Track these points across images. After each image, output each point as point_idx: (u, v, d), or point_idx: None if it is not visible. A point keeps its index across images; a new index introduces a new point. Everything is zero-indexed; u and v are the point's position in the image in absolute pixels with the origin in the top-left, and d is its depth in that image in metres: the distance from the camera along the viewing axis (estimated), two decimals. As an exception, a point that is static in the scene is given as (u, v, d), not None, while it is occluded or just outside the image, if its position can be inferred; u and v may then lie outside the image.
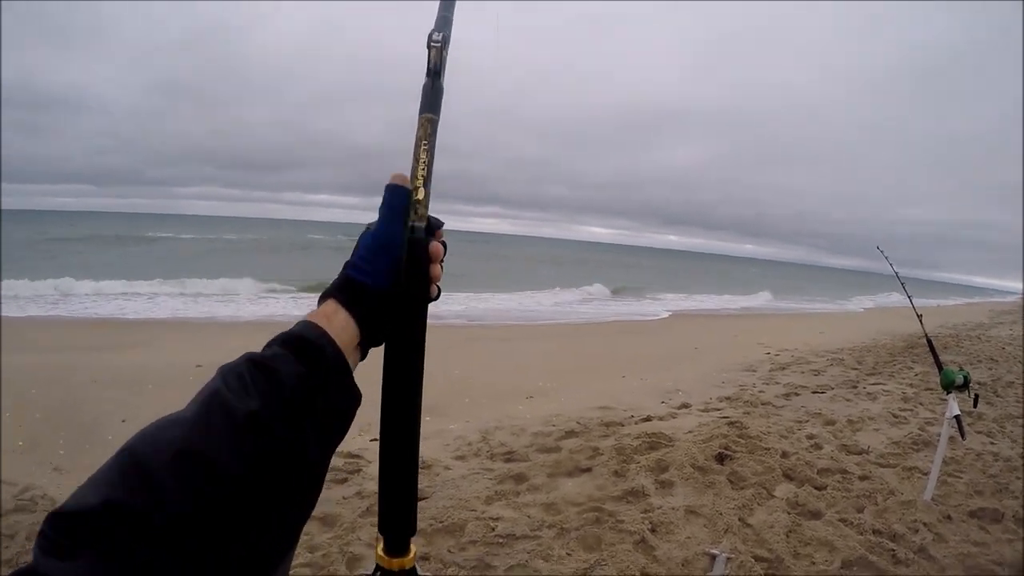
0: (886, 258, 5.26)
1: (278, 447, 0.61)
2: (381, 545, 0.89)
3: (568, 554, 3.63)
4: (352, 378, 0.75)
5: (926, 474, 4.99)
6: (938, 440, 5.69)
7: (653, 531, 3.90)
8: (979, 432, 6.15)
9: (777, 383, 8.99)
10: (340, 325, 0.77)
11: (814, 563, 3.62)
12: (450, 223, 0.94)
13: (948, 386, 4.30)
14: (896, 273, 5.23)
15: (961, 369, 4.37)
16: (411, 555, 0.88)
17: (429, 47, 0.95)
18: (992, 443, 5.94)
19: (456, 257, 0.97)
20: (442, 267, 0.88)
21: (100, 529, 0.50)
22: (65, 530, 0.50)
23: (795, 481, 4.86)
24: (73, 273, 18.33)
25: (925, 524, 4.09)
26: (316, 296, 0.86)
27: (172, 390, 6.83)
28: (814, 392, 8.31)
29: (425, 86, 0.95)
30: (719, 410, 7.23)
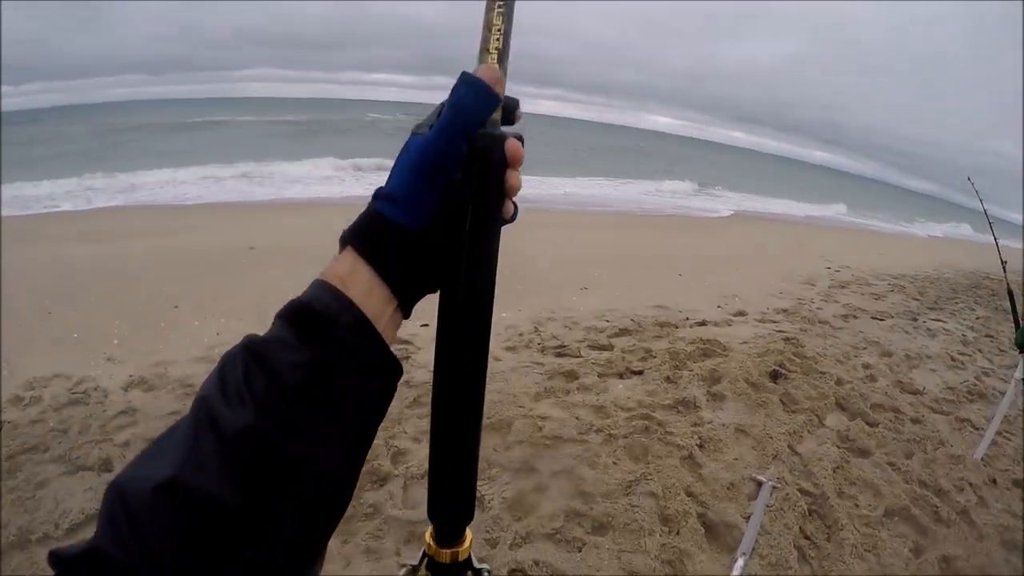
0: (976, 192, 4.96)
1: (280, 465, 0.49)
2: (430, 531, 0.75)
3: (614, 463, 3.67)
4: (380, 352, 0.58)
5: (978, 428, 4.93)
6: (994, 394, 5.61)
7: (701, 447, 3.93)
8: (1035, 392, 6.02)
9: (836, 301, 8.82)
10: (362, 290, 0.58)
11: (857, 505, 3.63)
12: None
13: (1023, 346, 4.12)
14: (985, 210, 4.97)
15: (1039, 330, 4.17)
16: (466, 544, 0.76)
17: None
18: (1048, 407, 5.80)
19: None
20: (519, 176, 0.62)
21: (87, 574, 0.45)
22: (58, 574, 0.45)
23: (847, 412, 4.84)
24: (132, 163, 18.06)
25: (971, 484, 4.06)
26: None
27: (223, 274, 7.00)
28: (873, 318, 8.14)
29: None
30: (776, 323, 7.15)
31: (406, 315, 0.64)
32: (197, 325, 5.49)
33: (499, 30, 0.66)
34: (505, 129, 0.64)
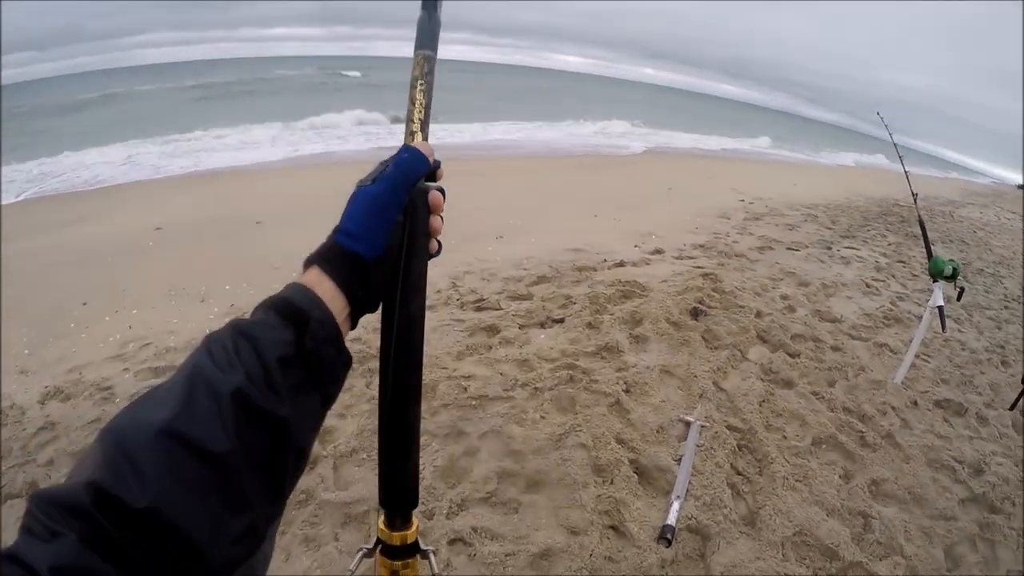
0: (886, 126, 5.04)
1: (264, 421, 0.58)
2: (382, 518, 0.86)
3: (542, 417, 3.54)
4: (342, 342, 0.71)
5: (896, 352, 5.01)
6: (909, 318, 5.71)
7: (627, 392, 3.82)
8: (947, 316, 6.13)
9: (751, 234, 8.88)
10: (326, 297, 0.71)
11: (785, 437, 3.60)
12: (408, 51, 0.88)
13: (936, 275, 4.14)
14: (895, 144, 5.03)
15: (951, 260, 4.21)
16: (413, 528, 0.86)
17: None
18: (960, 330, 5.93)
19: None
20: (442, 218, 0.84)
21: (82, 511, 0.48)
22: (48, 511, 0.48)
23: (769, 345, 4.82)
24: (37, 148, 16.10)
25: (893, 408, 4.11)
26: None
27: (130, 260, 6.54)
28: (788, 248, 8.22)
29: (421, 19, 0.88)
30: (693, 259, 7.12)
31: (352, 326, 0.77)
32: (108, 321, 5.10)
33: (422, 104, 0.85)
34: (428, 184, 0.82)
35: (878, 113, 5.15)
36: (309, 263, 0.74)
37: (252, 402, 0.58)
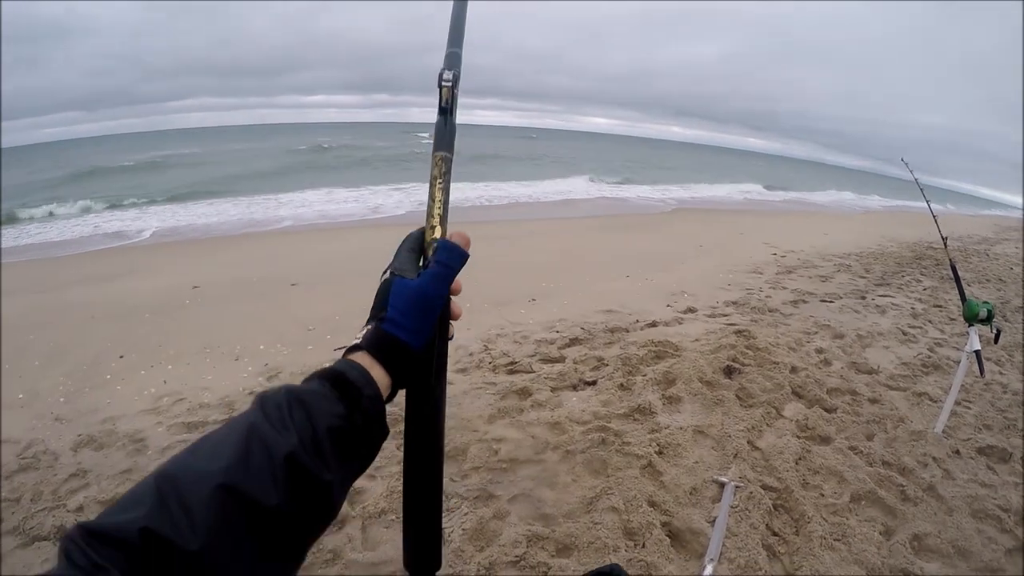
0: (911, 171, 5.07)
1: (309, 483, 0.64)
2: None
3: (573, 480, 3.55)
4: (385, 419, 0.77)
5: (935, 401, 4.92)
6: (948, 364, 5.63)
7: (660, 454, 3.82)
8: (987, 359, 6.01)
9: (784, 288, 8.85)
10: (375, 377, 0.77)
11: (823, 495, 3.56)
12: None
13: (971, 319, 4.11)
14: (921, 188, 5.05)
15: (985, 302, 4.18)
16: None
17: (440, 86, 0.93)
18: (1001, 372, 5.82)
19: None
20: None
21: (129, 548, 0.51)
22: (93, 544, 0.51)
23: (805, 400, 4.78)
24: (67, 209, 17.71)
25: (935, 459, 4.03)
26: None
27: (168, 316, 6.81)
28: (822, 300, 8.17)
29: (438, 124, 0.94)
30: (726, 316, 7.12)
31: (388, 400, 0.81)
32: (143, 375, 5.27)
33: (441, 201, 0.90)
34: None
35: (903, 159, 5.18)
36: (357, 349, 0.80)
37: (302, 465, 0.63)
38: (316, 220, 15.19)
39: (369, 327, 0.82)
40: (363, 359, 0.78)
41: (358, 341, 0.81)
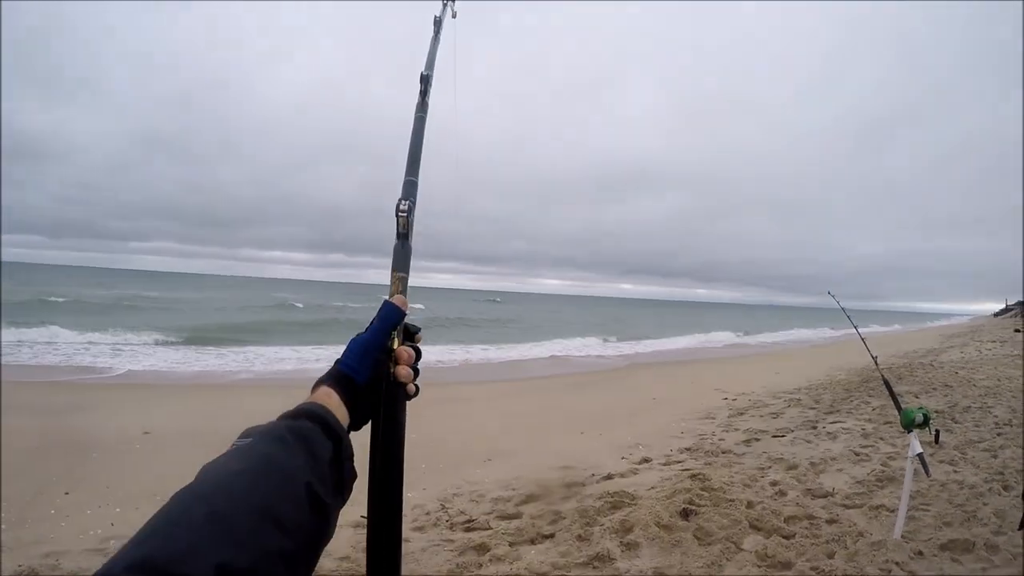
0: (837, 301, 5.41)
1: (322, 510, 0.74)
2: None
3: (534, 635, 3.46)
4: (353, 460, 0.88)
5: (893, 511, 4.93)
6: (902, 475, 5.68)
7: (621, 600, 3.74)
8: (941, 461, 6.12)
9: (736, 429, 8.93)
10: (335, 405, 0.91)
11: (789, 618, 3.49)
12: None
13: (908, 425, 4.30)
14: (847, 315, 5.36)
15: (920, 407, 4.35)
16: None
17: (397, 215, 1.07)
18: (955, 471, 5.91)
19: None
20: (416, 370, 1.05)
21: None
22: None
23: (763, 532, 4.74)
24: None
25: (897, 563, 4.02)
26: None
27: (117, 458, 6.84)
28: (774, 436, 8.24)
29: (396, 247, 1.07)
30: (680, 462, 7.10)
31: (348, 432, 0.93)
32: (89, 514, 5.18)
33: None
34: (407, 344, 1.04)
35: (829, 292, 5.58)
36: (320, 383, 0.96)
37: (317, 494, 0.73)
38: (276, 374, 15.46)
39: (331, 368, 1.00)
40: (323, 390, 0.94)
41: (322, 376, 0.97)
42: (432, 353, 20.45)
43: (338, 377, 0.97)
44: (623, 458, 7.41)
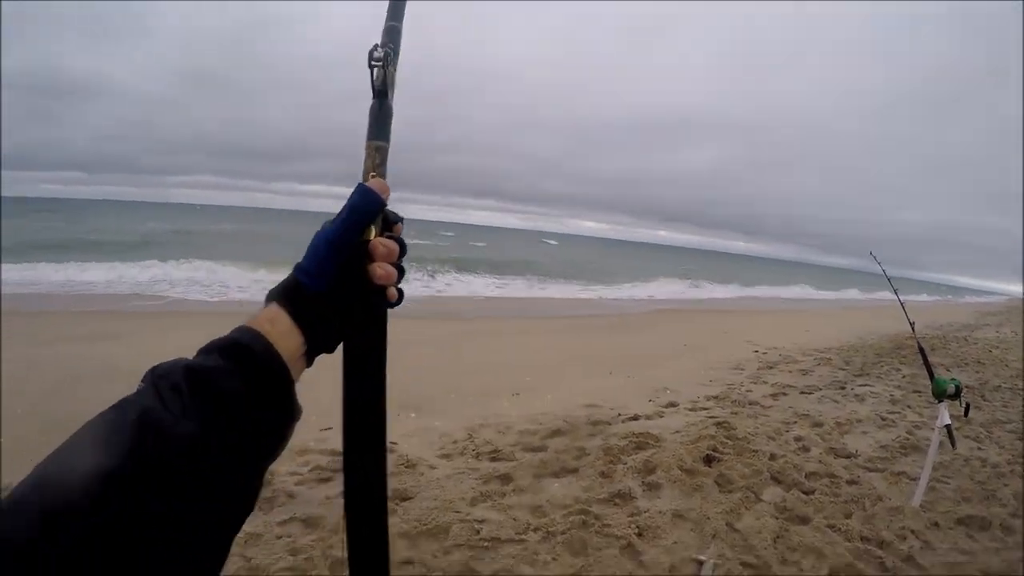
0: (879, 263, 5.32)
1: (214, 472, 0.58)
2: None
3: (554, 559, 3.57)
4: (294, 394, 0.71)
5: (914, 479, 4.97)
6: (926, 445, 5.70)
7: (640, 535, 3.85)
8: (967, 436, 6.12)
9: (765, 382, 8.96)
10: (282, 331, 0.72)
11: (801, 570, 3.58)
12: (446, 215, 0.85)
13: (940, 395, 4.27)
14: (888, 279, 5.26)
15: (953, 379, 4.34)
16: None
17: (371, 65, 0.84)
18: (980, 448, 5.94)
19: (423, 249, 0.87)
20: (400, 268, 0.82)
21: None
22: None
23: (783, 485, 4.82)
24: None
25: (913, 531, 4.08)
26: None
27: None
28: (802, 393, 8.28)
29: (372, 108, 0.86)
30: (707, 409, 7.18)
31: (308, 363, 0.77)
32: None
33: (376, 171, 0.83)
34: (386, 236, 0.80)
35: (871, 253, 5.45)
36: (269, 298, 0.77)
37: (206, 453, 0.57)
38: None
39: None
40: (269, 310, 0.75)
41: (269, 290, 0.79)
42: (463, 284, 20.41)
43: (290, 288, 0.77)
44: (650, 401, 7.50)
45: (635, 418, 6.60)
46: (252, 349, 0.67)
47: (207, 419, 0.59)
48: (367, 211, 0.79)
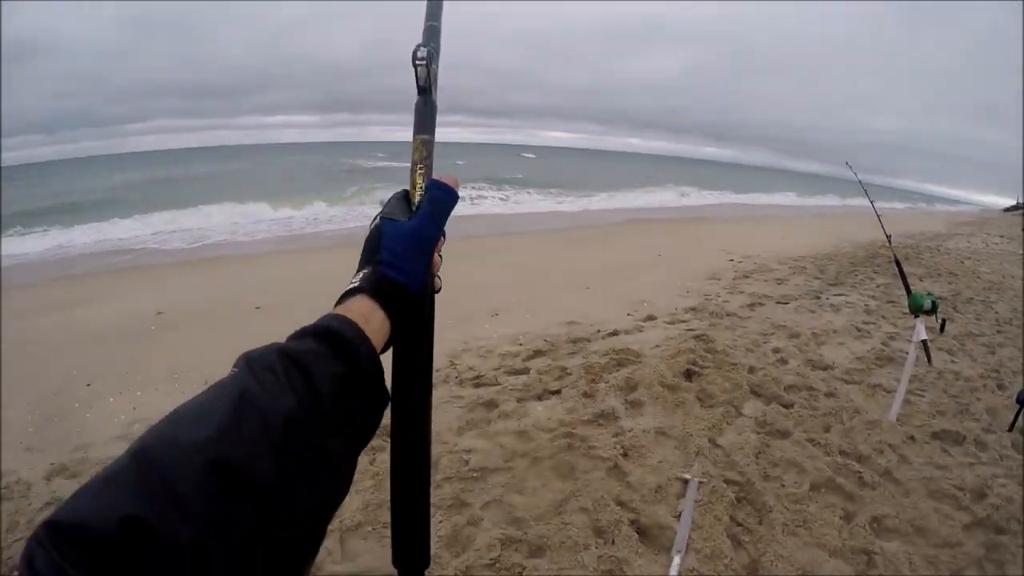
0: (855, 173, 5.32)
1: (313, 454, 0.57)
2: None
3: (543, 485, 3.61)
4: (384, 381, 0.70)
5: (890, 392, 5.06)
6: (901, 357, 5.80)
7: (625, 456, 3.89)
8: (940, 349, 6.21)
9: (741, 292, 9.01)
10: (376, 327, 0.72)
11: (784, 486, 3.65)
12: (406, 134, 0.88)
13: (916, 310, 4.27)
14: (865, 190, 5.24)
15: (929, 293, 4.35)
16: None
17: (415, 64, 0.86)
18: (953, 361, 6.04)
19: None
20: (440, 256, 0.85)
21: (115, 549, 0.43)
22: (72, 547, 0.42)
23: (763, 398, 4.89)
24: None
25: (890, 445, 4.16)
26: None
27: (133, 343, 6.66)
28: (778, 303, 8.34)
29: (417, 105, 0.88)
30: (685, 322, 7.22)
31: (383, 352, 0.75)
32: (112, 402, 5.18)
33: (422, 187, 0.84)
34: None
35: (847, 163, 5.45)
36: (355, 292, 0.75)
37: (304, 435, 0.56)
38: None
39: (364, 272, 0.77)
40: (362, 303, 0.73)
41: (355, 284, 0.76)
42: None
43: (383, 285, 0.75)
44: (628, 315, 7.53)
45: (615, 333, 6.63)
46: (347, 337, 0.66)
47: (303, 400, 0.57)
48: (449, 208, 0.83)
